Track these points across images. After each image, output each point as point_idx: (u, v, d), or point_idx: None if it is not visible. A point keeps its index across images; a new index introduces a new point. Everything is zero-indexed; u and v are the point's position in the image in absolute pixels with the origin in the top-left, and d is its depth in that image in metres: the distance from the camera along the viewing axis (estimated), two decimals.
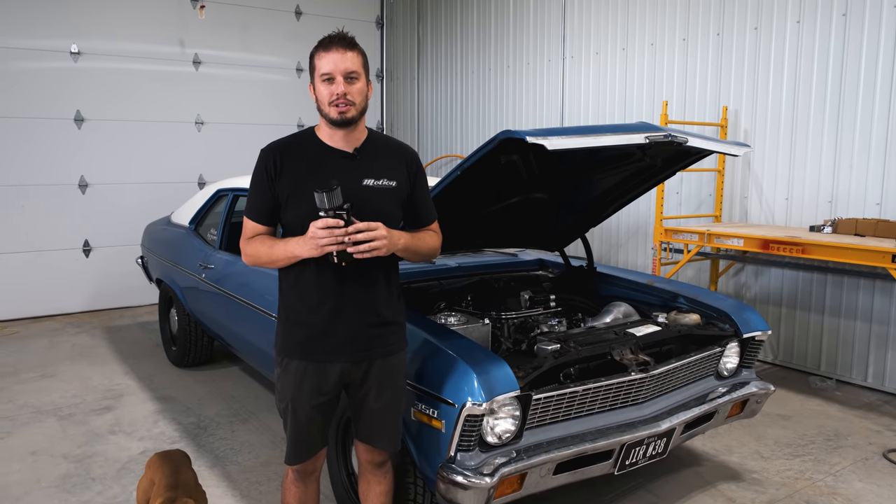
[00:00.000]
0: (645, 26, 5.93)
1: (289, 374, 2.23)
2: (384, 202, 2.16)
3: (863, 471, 3.52)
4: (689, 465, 3.56)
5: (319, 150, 2.18)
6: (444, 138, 8.36)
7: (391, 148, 2.29)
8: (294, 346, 2.22)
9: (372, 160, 2.20)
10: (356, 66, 2.10)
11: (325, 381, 2.21)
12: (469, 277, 3.67)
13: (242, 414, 4.26)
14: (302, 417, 2.24)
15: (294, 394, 2.22)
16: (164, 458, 2.65)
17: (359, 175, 2.16)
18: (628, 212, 6.07)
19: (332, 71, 2.07)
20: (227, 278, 4.08)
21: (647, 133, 2.61)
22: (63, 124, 6.77)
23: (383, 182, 2.18)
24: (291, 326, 2.23)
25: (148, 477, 2.59)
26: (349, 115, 2.10)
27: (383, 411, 2.28)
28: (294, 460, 2.30)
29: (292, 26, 8.10)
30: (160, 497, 2.39)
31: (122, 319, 6.78)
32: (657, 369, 2.75)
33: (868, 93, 4.54)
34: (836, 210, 4.74)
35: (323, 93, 2.10)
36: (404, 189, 2.24)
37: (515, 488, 2.40)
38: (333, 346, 2.19)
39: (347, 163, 2.16)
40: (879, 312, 4.64)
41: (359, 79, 2.11)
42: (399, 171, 2.23)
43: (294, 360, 2.22)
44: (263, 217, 2.21)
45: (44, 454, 3.70)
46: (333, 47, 2.08)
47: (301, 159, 2.16)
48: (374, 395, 2.25)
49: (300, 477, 2.36)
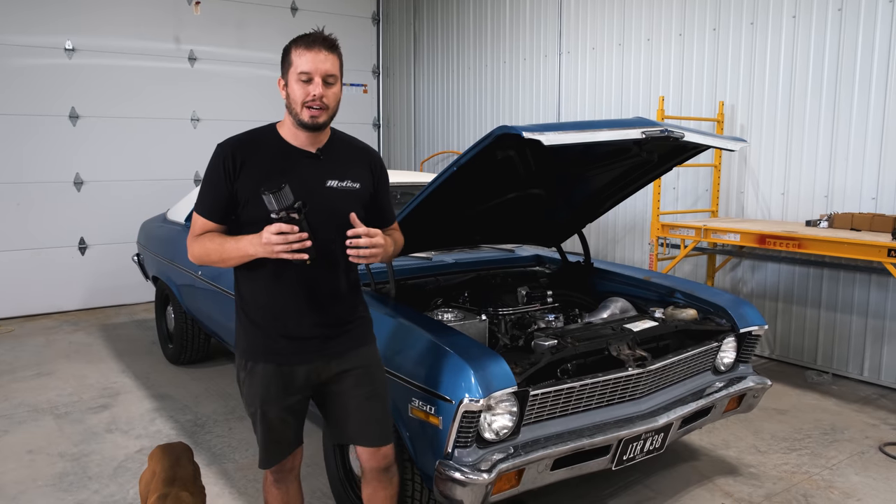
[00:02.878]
0: (641, 21, 5.92)
1: (255, 378, 2.16)
2: (347, 203, 2.09)
3: (859, 464, 3.54)
4: (686, 459, 3.57)
5: (281, 149, 2.10)
6: (440, 134, 8.35)
7: (355, 149, 2.25)
8: (257, 349, 2.16)
9: (335, 161, 2.15)
10: (335, 69, 2.04)
11: (293, 382, 2.16)
12: (466, 274, 3.67)
13: (239, 411, 4.25)
14: (274, 420, 2.18)
15: (263, 397, 2.16)
16: (166, 451, 2.64)
17: (322, 176, 2.11)
18: (625, 207, 6.07)
19: (312, 71, 2.00)
20: (224, 275, 4.07)
21: (643, 128, 2.61)
22: (58, 121, 6.74)
23: (347, 183, 2.14)
24: (253, 328, 2.17)
25: (150, 469, 2.59)
26: (321, 121, 2.05)
27: (366, 406, 2.22)
28: (268, 463, 2.25)
29: (288, 22, 8.07)
30: (157, 492, 2.39)
31: (119, 317, 6.77)
32: (654, 364, 2.75)
33: (863, 87, 4.55)
34: (833, 205, 4.75)
35: (297, 92, 2.02)
36: (367, 190, 2.20)
37: (513, 484, 2.40)
38: (298, 346, 2.14)
39: (311, 163, 2.11)
40: (875, 306, 4.65)
41: (335, 83, 2.06)
42: (363, 172, 2.20)
43: (259, 363, 2.16)
44: (216, 215, 2.11)
45: (40, 453, 3.69)
46: (316, 47, 2.00)
47: (262, 158, 2.09)
48: (353, 392, 2.21)
49: (279, 478, 2.31)
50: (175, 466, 2.54)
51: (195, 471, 2.64)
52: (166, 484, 2.43)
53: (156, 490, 2.40)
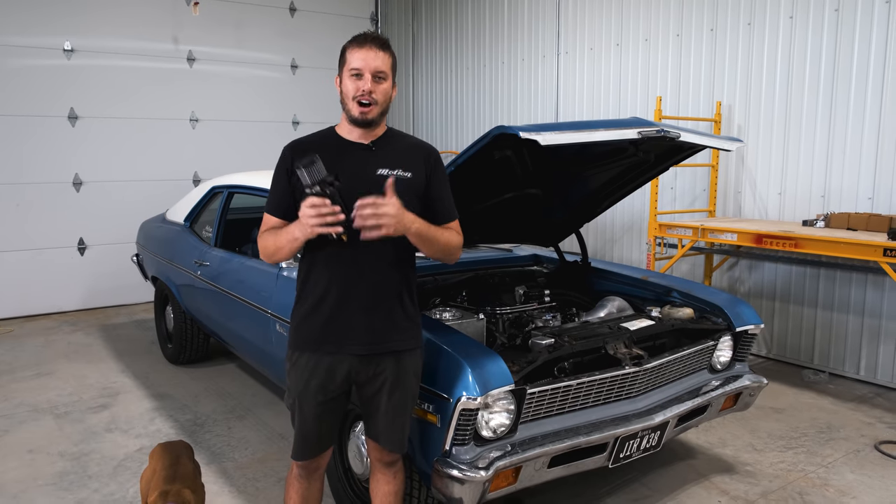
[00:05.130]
0: (639, 22, 5.94)
1: (297, 370, 2.23)
2: (399, 192, 2.07)
3: (855, 462, 3.56)
4: (683, 457, 3.59)
5: (337, 144, 2.20)
6: (439, 134, 8.37)
7: (410, 143, 2.30)
8: (303, 339, 2.22)
9: (388, 151, 2.21)
10: (386, 66, 2.13)
11: (332, 379, 2.20)
12: (464, 273, 3.68)
13: (239, 410, 4.27)
14: (308, 414, 2.24)
15: (301, 390, 2.22)
16: (167, 449, 2.66)
17: (374, 165, 2.16)
18: (623, 207, 6.09)
19: (362, 67, 2.09)
20: (223, 275, 4.09)
21: (640, 128, 2.63)
22: (57, 122, 6.75)
23: (398, 172, 2.17)
24: (302, 319, 2.23)
25: (151, 467, 2.61)
26: (370, 116, 2.13)
27: (393, 413, 2.25)
28: (300, 456, 2.31)
29: (286, 23, 8.09)
30: (157, 489, 2.40)
31: (118, 317, 6.78)
32: (651, 363, 2.77)
33: (860, 88, 4.57)
34: (829, 204, 4.77)
35: (349, 87, 2.12)
36: (420, 181, 2.21)
37: (510, 482, 2.42)
38: (341, 335, 2.17)
39: (363, 154, 2.18)
40: (871, 306, 4.67)
41: (386, 79, 2.14)
42: (416, 163, 2.23)
43: (304, 354, 2.21)
44: (279, 211, 2.22)
45: (40, 452, 3.71)
46: (367, 44, 2.11)
47: (320, 154, 2.14)
48: (386, 396, 2.23)
49: (305, 473, 2.35)
50: (176, 464, 2.55)
51: (195, 469, 2.66)
52: (167, 481, 2.44)
53: (156, 487, 2.42)
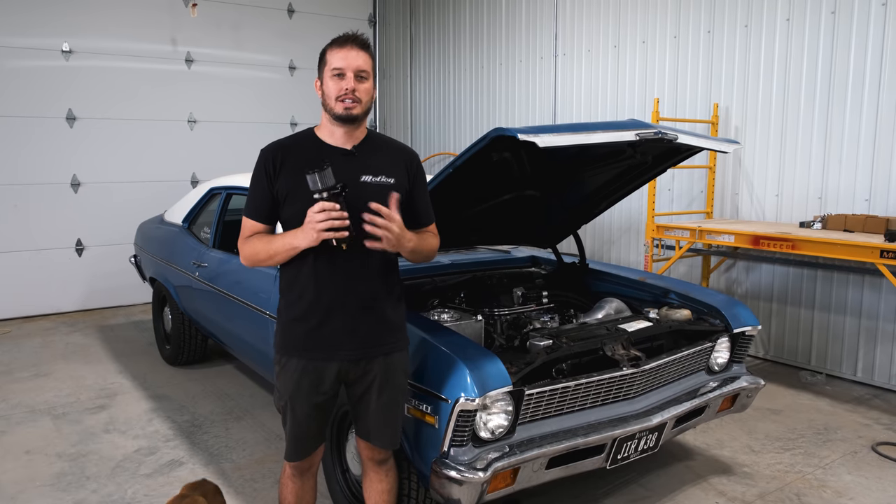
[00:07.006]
0: (637, 24, 5.96)
1: (287, 373, 2.24)
2: (382, 199, 2.12)
3: (852, 464, 3.56)
4: (680, 459, 3.59)
5: (318, 148, 2.19)
6: (437, 136, 8.38)
7: (391, 147, 2.31)
8: (292, 344, 2.23)
9: (370, 157, 2.21)
10: (367, 66, 2.14)
11: (322, 381, 2.22)
12: (462, 274, 3.69)
13: (237, 412, 4.27)
14: (300, 415, 2.26)
15: (292, 392, 2.24)
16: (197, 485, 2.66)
17: (356, 171, 2.16)
18: (620, 209, 6.10)
19: (344, 67, 2.11)
20: (221, 276, 4.08)
21: (638, 130, 2.63)
22: (55, 123, 6.75)
23: (381, 179, 2.18)
24: (290, 324, 2.24)
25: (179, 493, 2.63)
26: (354, 112, 2.13)
27: (383, 410, 2.28)
28: (294, 457, 2.33)
29: (284, 24, 8.09)
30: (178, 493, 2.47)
31: (116, 318, 6.77)
32: (648, 364, 2.78)
33: (857, 90, 4.58)
34: (826, 206, 4.79)
35: (331, 87, 2.13)
36: (402, 187, 2.23)
37: (508, 483, 2.42)
38: (332, 342, 2.19)
39: (345, 159, 2.17)
40: (868, 307, 4.68)
41: (368, 79, 2.15)
42: (398, 169, 2.24)
43: (292, 358, 2.22)
44: (262, 215, 2.22)
45: (38, 453, 3.70)
46: (348, 44, 2.12)
47: (299, 158, 2.17)
48: (376, 394, 2.25)
49: (298, 472, 2.38)
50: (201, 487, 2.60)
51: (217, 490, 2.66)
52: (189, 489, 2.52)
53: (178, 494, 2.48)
